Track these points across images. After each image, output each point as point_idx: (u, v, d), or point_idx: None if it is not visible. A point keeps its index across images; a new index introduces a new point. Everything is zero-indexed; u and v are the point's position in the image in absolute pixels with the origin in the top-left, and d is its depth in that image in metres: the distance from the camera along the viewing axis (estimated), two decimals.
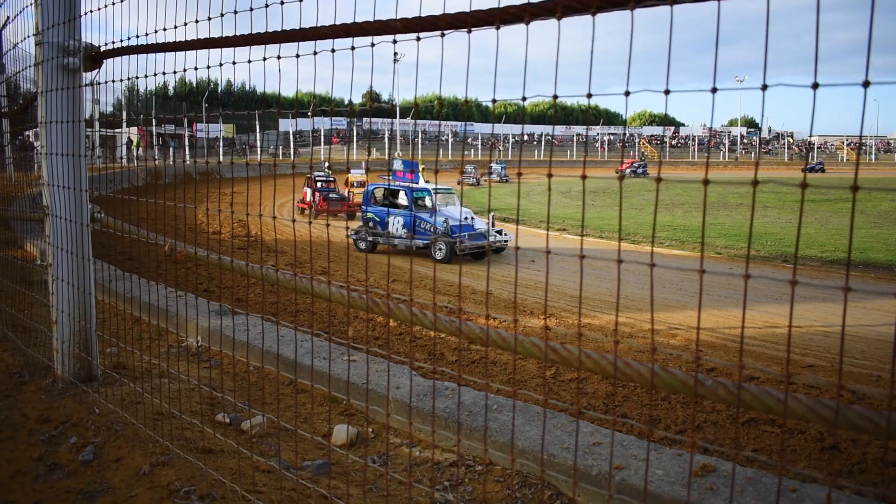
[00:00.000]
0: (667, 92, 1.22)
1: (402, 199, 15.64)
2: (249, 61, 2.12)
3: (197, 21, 2.27)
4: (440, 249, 13.93)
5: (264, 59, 2.08)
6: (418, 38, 1.64)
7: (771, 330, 9.67)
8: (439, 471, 2.60)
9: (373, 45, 1.79)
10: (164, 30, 2.44)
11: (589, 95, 1.39)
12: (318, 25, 1.87)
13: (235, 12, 2.16)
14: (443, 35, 1.59)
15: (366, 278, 12.03)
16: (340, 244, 15.65)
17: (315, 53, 1.95)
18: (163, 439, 2.38)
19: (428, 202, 15.27)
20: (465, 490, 2.48)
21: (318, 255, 13.15)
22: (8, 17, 4.70)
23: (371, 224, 15.40)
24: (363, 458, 2.71)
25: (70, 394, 2.86)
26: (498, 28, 1.46)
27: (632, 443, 2.55)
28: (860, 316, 10.69)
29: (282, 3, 2.02)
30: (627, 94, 1.30)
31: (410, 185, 15.55)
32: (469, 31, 1.51)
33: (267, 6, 2.06)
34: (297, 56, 2.01)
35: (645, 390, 7.00)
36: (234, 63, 2.16)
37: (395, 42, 1.70)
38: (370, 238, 15.05)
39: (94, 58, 2.92)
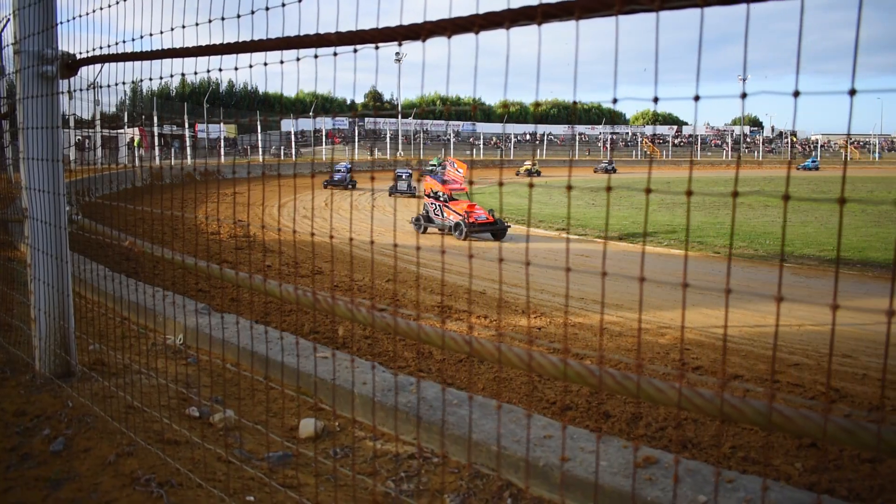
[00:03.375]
0: (655, 100, 1.26)
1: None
2: (251, 66, 2.12)
3: (197, 24, 2.25)
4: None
5: (265, 64, 2.09)
6: (423, 40, 1.59)
7: (760, 329, 9.74)
8: (398, 462, 2.70)
9: (377, 47, 1.78)
10: (162, 33, 2.42)
11: (614, 101, 1.34)
12: (325, 32, 1.84)
13: (238, 16, 2.10)
14: (450, 36, 1.54)
15: (371, 278, 12.14)
16: (344, 246, 15.76)
17: (316, 57, 1.94)
18: (130, 431, 2.50)
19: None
20: (422, 481, 2.58)
21: (322, 259, 13.28)
22: (7, 18, 4.82)
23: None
24: (327, 450, 2.82)
25: (47, 389, 2.98)
26: (508, 28, 1.40)
27: (581, 436, 2.65)
28: (854, 314, 10.71)
29: (283, 5, 2.02)
30: (656, 100, 1.27)
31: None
32: (476, 33, 1.47)
33: (268, 9, 2.03)
34: (298, 59, 2.01)
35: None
36: (236, 69, 2.15)
37: (399, 45, 1.72)
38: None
39: (71, 66, 3.03)
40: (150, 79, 2.43)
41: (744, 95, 1.21)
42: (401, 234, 19.75)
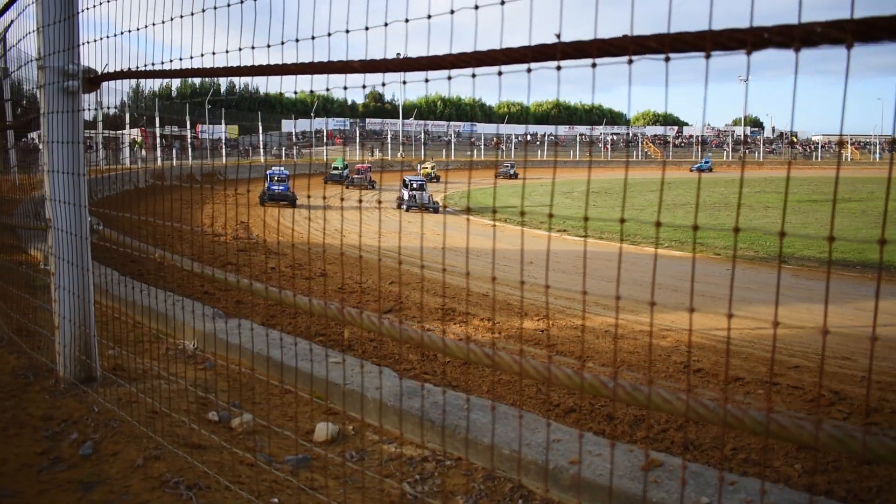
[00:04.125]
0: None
1: None
2: (282, 94, 2.18)
3: (227, 52, 2.30)
4: None
5: (295, 92, 2.13)
6: (449, 78, 1.64)
7: (760, 332, 9.84)
8: (411, 465, 2.80)
9: (404, 82, 1.82)
10: (192, 58, 2.46)
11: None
12: (348, 60, 1.86)
13: (269, 46, 2.13)
14: (474, 76, 1.59)
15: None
16: (354, 251, 15.88)
17: (345, 88, 1.98)
18: (156, 435, 2.60)
19: None
20: (435, 483, 2.68)
21: (328, 262, 13.38)
22: (12, 21, 4.91)
23: None
24: (342, 453, 2.92)
25: (71, 394, 3.08)
26: (529, 71, 1.46)
27: (589, 439, 2.76)
28: (853, 316, 10.82)
29: (312, 38, 2.05)
30: (666, 141, 1.32)
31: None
32: (500, 74, 1.52)
33: (298, 40, 2.06)
34: (328, 90, 2.07)
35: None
36: (266, 95, 2.26)
37: (426, 81, 1.74)
38: None
39: (93, 81, 3.13)
40: (180, 98, 2.53)
41: (738, 138, 1.33)
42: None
